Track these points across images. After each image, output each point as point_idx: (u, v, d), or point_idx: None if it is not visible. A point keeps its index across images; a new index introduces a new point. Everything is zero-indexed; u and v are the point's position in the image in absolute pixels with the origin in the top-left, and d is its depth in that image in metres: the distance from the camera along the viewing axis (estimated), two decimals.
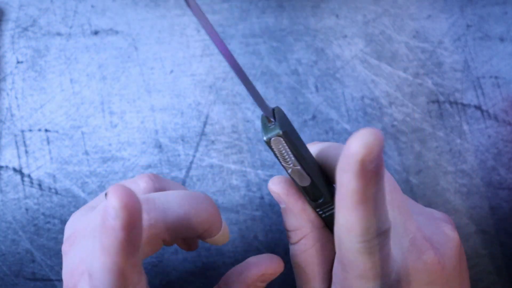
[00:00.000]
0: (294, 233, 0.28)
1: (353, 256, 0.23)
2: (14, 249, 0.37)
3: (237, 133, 0.39)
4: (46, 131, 0.39)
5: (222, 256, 0.37)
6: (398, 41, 0.41)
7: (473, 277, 0.38)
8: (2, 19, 0.40)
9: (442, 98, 0.40)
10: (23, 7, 0.40)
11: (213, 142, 0.39)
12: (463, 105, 0.40)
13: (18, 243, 0.37)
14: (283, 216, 0.29)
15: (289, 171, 0.26)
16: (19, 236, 0.37)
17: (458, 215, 0.39)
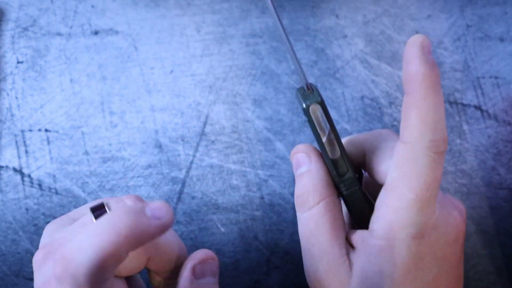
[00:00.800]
0: (313, 195, 0.28)
1: (420, 166, 0.25)
2: (14, 249, 0.37)
3: (237, 133, 0.39)
4: (46, 131, 0.39)
5: (222, 256, 0.38)
6: (398, 41, 0.41)
7: (473, 277, 0.38)
8: (2, 19, 0.40)
9: None
10: (23, 7, 0.40)
11: (213, 142, 0.39)
12: (463, 105, 0.40)
13: (18, 243, 0.37)
14: (301, 180, 0.29)
15: (324, 139, 0.27)
16: (19, 236, 0.37)
17: None
